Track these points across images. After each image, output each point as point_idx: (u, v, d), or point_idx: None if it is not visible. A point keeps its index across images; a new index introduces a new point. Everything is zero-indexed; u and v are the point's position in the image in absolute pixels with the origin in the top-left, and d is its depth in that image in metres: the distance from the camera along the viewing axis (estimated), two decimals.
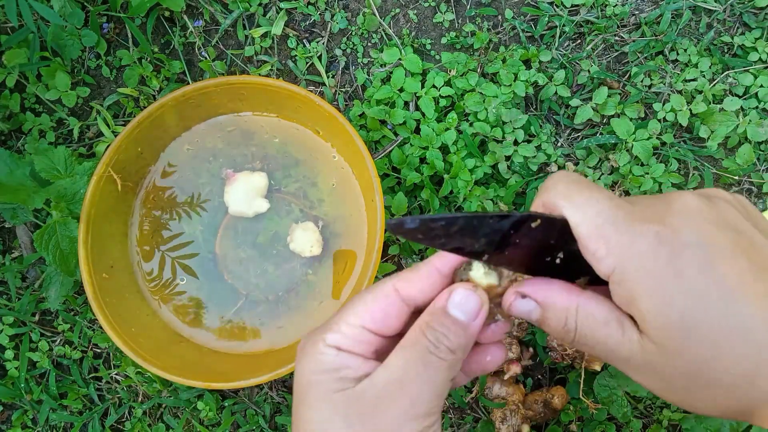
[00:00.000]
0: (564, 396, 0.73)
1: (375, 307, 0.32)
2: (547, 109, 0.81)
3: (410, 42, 0.82)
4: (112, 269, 0.73)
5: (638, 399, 0.77)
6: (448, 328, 0.31)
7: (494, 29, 0.83)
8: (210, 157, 0.78)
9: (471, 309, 0.31)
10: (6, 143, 0.83)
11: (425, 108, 0.77)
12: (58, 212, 0.70)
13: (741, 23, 0.81)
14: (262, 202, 0.75)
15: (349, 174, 0.76)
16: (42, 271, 0.82)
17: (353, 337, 0.32)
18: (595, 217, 0.28)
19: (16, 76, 0.80)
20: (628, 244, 0.28)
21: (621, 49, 0.81)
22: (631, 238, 0.28)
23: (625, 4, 0.81)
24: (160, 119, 0.73)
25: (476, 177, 0.77)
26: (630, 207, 0.29)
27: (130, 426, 0.82)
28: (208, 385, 0.66)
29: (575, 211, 0.29)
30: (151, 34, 0.82)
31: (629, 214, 0.28)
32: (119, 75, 0.83)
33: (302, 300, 0.75)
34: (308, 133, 0.77)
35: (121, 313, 0.70)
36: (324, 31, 0.83)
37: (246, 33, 0.83)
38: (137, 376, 0.80)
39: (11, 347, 0.82)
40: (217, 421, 0.80)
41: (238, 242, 0.77)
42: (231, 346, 0.75)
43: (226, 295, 0.76)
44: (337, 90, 0.83)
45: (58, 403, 0.82)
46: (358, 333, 0.32)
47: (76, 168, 0.72)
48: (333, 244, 0.76)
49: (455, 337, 0.31)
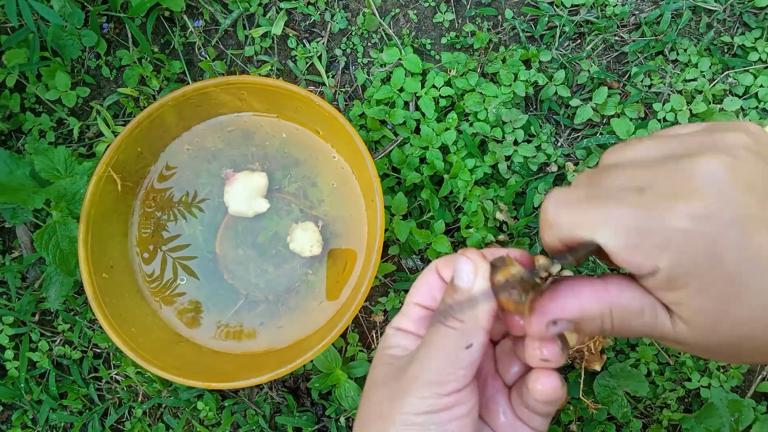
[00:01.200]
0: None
1: (421, 283, 0.35)
2: (547, 109, 0.81)
3: (410, 42, 0.82)
4: (112, 269, 0.73)
5: (638, 399, 0.77)
6: (452, 298, 0.32)
7: (494, 29, 0.83)
8: (210, 157, 0.78)
9: (466, 274, 0.32)
10: (6, 143, 0.83)
11: (425, 108, 0.77)
12: (58, 212, 0.70)
13: (741, 23, 0.81)
14: (262, 202, 0.75)
15: (349, 174, 0.76)
16: (42, 271, 0.82)
17: (410, 315, 0.35)
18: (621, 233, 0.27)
19: (16, 76, 0.80)
20: (662, 244, 0.26)
21: (621, 49, 0.81)
22: (664, 232, 0.26)
23: (625, 4, 0.81)
24: (160, 119, 0.73)
25: (476, 177, 0.77)
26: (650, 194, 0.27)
27: (130, 426, 0.82)
28: (208, 385, 0.66)
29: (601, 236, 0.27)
30: (151, 34, 0.82)
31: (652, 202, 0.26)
32: (119, 75, 0.83)
33: (302, 300, 0.75)
34: (308, 133, 0.77)
35: (121, 313, 0.70)
36: (324, 31, 0.83)
37: (246, 33, 0.83)
38: (137, 376, 0.80)
39: (11, 347, 0.82)
40: (217, 421, 0.80)
41: (238, 242, 0.77)
42: (231, 346, 0.75)
43: (226, 295, 0.76)
44: (337, 90, 0.83)
45: (58, 403, 0.82)
46: (412, 310, 0.35)
47: (76, 168, 0.72)
48: (333, 244, 0.76)
49: (458, 306, 0.31)
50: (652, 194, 0.27)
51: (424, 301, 0.35)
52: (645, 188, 0.27)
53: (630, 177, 0.28)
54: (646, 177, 0.28)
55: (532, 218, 0.78)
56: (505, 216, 0.77)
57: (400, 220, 0.75)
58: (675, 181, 0.27)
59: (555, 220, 0.29)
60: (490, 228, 0.77)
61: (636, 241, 0.26)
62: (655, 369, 0.76)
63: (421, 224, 0.78)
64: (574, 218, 0.28)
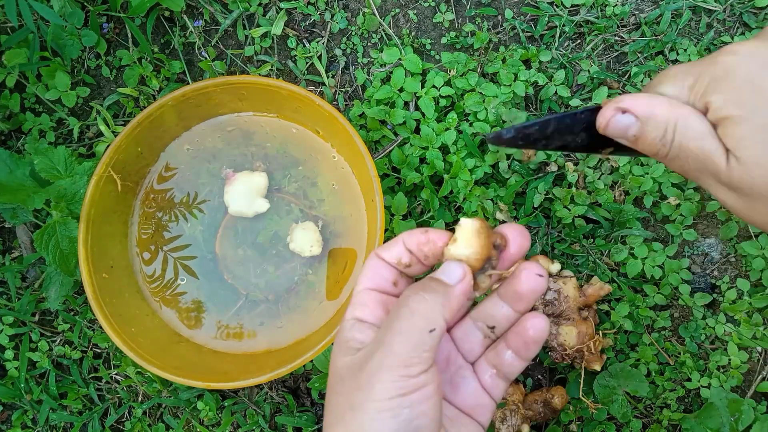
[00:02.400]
0: (564, 396, 0.73)
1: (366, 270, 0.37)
2: (547, 109, 0.81)
3: (410, 42, 0.82)
4: (112, 269, 0.73)
5: (638, 399, 0.77)
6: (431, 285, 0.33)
7: (494, 29, 0.83)
8: (210, 157, 0.78)
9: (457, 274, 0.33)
10: (6, 143, 0.83)
11: (425, 108, 0.77)
12: (58, 212, 0.70)
13: (741, 23, 0.81)
14: (262, 202, 0.75)
15: (349, 174, 0.76)
16: (42, 271, 0.82)
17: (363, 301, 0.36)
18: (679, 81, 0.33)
19: (16, 76, 0.80)
20: (710, 82, 0.31)
21: (621, 49, 0.81)
22: (710, 72, 0.31)
23: (625, 4, 0.81)
24: (159, 119, 0.73)
25: (476, 177, 0.77)
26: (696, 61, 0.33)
27: (130, 426, 0.82)
28: (208, 385, 0.66)
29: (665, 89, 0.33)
30: (151, 34, 0.82)
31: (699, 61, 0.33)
32: (119, 75, 0.83)
33: (302, 300, 0.75)
34: (308, 133, 0.77)
35: (121, 313, 0.70)
36: (324, 31, 0.83)
37: (246, 33, 0.83)
38: (137, 376, 0.80)
39: (11, 347, 0.82)
40: (217, 421, 0.80)
41: (238, 242, 0.77)
42: (231, 346, 0.75)
43: (226, 295, 0.76)
44: (337, 90, 0.83)
45: (58, 403, 0.82)
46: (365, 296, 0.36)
47: (76, 168, 0.72)
48: (333, 244, 0.76)
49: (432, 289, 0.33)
50: (697, 61, 0.33)
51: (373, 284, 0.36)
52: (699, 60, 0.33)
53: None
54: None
55: (532, 218, 0.78)
56: (505, 216, 0.77)
57: (400, 220, 0.75)
58: (713, 56, 0.33)
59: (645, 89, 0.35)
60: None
61: (689, 81, 0.32)
62: (655, 369, 0.76)
63: (421, 224, 0.78)
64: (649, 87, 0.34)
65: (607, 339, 0.75)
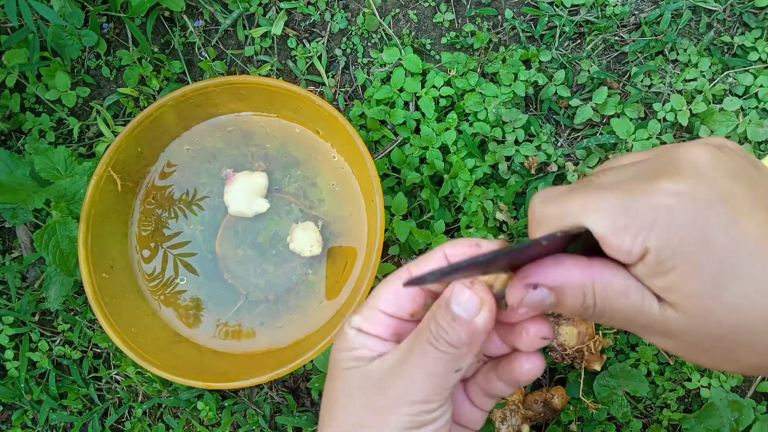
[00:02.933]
0: (564, 396, 0.73)
1: (388, 289, 0.33)
2: (547, 109, 0.81)
3: (410, 42, 0.82)
4: (112, 269, 0.73)
5: (638, 399, 0.77)
6: (449, 323, 0.31)
7: (494, 29, 0.83)
8: (210, 157, 0.78)
9: (471, 307, 0.30)
10: (6, 143, 0.83)
11: (425, 108, 0.77)
12: (58, 212, 0.70)
13: (741, 23, 0.81)
14: (262, 202, 0.75)
15: (349, 174, 0.76)
16: (42, 271, 0.82)
17: (372, 319, 0.33)
18: (608, 215, 0.27)
19: (16, 76, 0.80)
20: (649, 223, 0.26)
21: (621, 49, 0.81)
22: (649, 210, 0.26)
23: (625, 4, 0.81)
24: (159, 119, 0.73)
25: (476, 177, 0.77)
26: (636, 180, 0.27)
27: (130, 426, 0.82)
28: (208, 385, 0.66)
29: (589, 220, 0.27)
30: (151, 34, 0.82)
31: (637, 185, 0.26)
32: (119, 75, 0.83)
33: (302, 300, 0.75)
34: (308, 133, 0.77)
35: (121, 313, 0.70)
36: (324, 31, 0.83)
37: (246, 33, 0.83)
38: (137, 376, 0.80)
39: (11, 347, 0.82)
40: (217, 421, 0.80)
41: (238, 242, 0.77)
42: (231, 346, 0.75)
43: (226, 295, 0.76)
44: (337, 90, 0.83)
45: (58, 403, 0.82)
46: (376, 315, 0.33)
47: (76, 168, 0.72)
48: (333, 244, 0.76)
49: (454, 333, 0.30)
50: (638, 179, 0.27)
51: (389, 309, 0.33)
52: (631, 178, 0.27)
53: (616, 173, 0.29)
54: (632, 170, 0.28)
55: None
56: (505, 216, 0.77)
57: (400, 220, 0.75)
58: (659, 165, 0.27)
59: (541, 215, 0.29)
60: (490, 228, 0.77)
61: (623, 221, 0.26)
62: (655, 369, 0.76)
63: (421, 224, 0.78)
64: (561, 210, 0.28)
65: (607, 339, 0.75)
